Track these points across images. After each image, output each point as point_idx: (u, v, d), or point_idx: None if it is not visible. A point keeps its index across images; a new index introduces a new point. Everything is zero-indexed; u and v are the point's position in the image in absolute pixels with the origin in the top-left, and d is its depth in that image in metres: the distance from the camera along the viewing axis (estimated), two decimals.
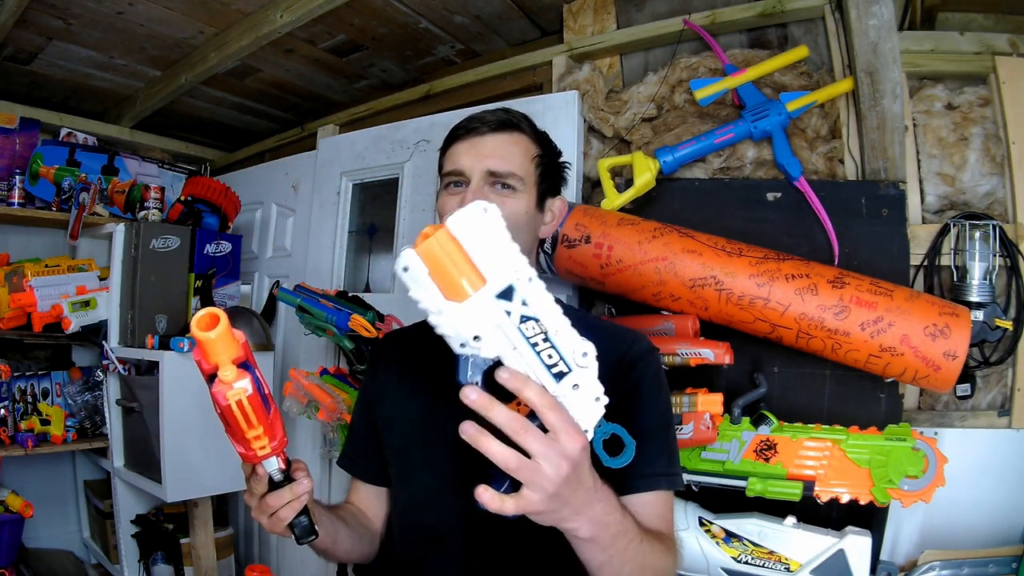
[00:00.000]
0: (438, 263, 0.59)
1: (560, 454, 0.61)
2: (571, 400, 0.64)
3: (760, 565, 1.26)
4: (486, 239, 0.60)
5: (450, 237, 0.59)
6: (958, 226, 1.40)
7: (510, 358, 0.62)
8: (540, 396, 0.61)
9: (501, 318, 0.61)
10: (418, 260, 0.59)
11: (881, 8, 1.33)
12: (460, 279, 0.60)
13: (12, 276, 2.09)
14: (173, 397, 1.84)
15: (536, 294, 0.62)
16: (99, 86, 2.49)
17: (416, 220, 2.02)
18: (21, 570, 2.20)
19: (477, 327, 0.61)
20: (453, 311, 0.60)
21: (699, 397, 1.28)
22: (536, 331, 0.62)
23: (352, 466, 1.07)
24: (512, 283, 0.61)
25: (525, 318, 0.61)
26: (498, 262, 0.60)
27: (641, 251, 1.37)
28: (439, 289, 0.60)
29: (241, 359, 0.65)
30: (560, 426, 0.61)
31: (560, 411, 0.62)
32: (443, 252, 0.59)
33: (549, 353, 0.62)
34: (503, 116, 0.95)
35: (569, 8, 1.89)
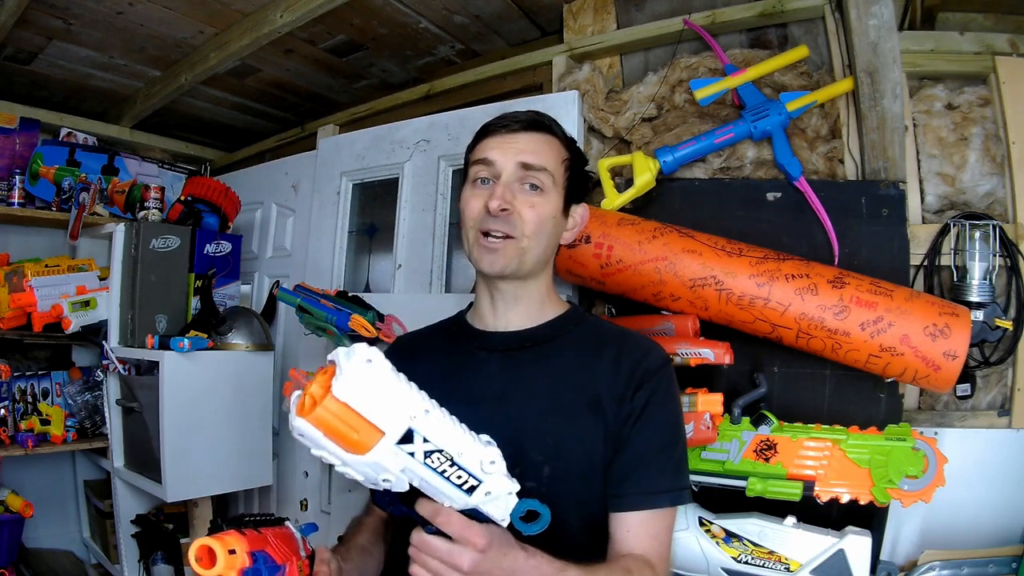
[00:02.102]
0: (331, 427, 0.61)
1: (459, 555, 0.69)
2: (486, 504, 0.70)
3: (760, 565, 1.26)
4: (375, 394, 0.61)
5: (339, 403, 0.60)
6: (958, 226, 1.40)
7: (424, 487, 0.67)
8: (435, 515, 0.70)
9: (405, 461, 0.64)
10: (310, 427, 0.61)
11: (881, 8, 1.33)
12: (355, 436, 0.62)
13: (12, 276, 2.09)
14: (173, 397, 1.84)
15: (435, 427, 0.65)
16: (99, 86, 2.49)
17: (416, 220, 2.02)
18: (21, 570, 2.20)
19: (384, 472, 0.64)
20: (357, 462, 0.63)
21: (699, 397, 1.28)
22: (442, 460, 0.66)
23: None
24: (410, 427, 0.63)
25: (429, 452, 0.65)
26: (392, 412, 0.62)
27: (641, 251, 1.37)
28: (338, 445, 0.62)
29: (246, 567, 0.68)
30: (457, 535, 0.69)
31: (456, 523, 0.69)
32: (334, 417, 0.61)
33: (458, 475, 0.67)
34: (535, 116, 0.95)
35: (569, 8, 1.89)
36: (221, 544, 0.67)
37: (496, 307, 0.97)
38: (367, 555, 0.93)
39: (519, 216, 0.90)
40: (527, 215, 0.90)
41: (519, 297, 0.96)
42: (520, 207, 0.90)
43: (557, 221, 0.94)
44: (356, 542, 0.94)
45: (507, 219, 0.90)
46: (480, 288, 1.00)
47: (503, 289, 0.95)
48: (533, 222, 0.90)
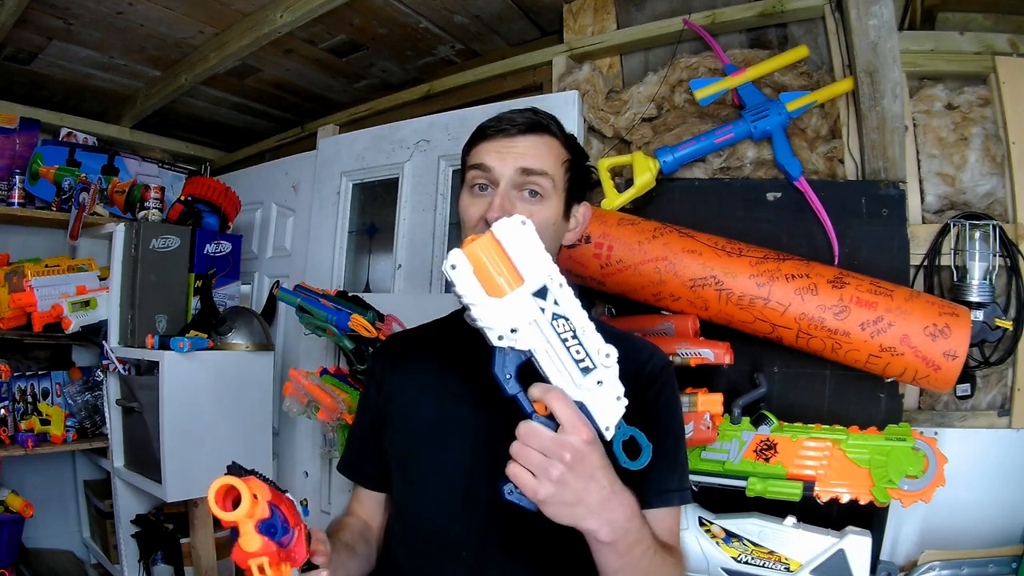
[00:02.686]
0: (482, 263, 0.68)
1: (561, 444, 0.66)
2: (595, 395, 0.69)
3: (760, 565, 1.26)
4: (525, 245, 0.69)
5: (494, 241, 0.69)
6: (958, 226, 1.40)
7: (542, 351, 0.69)
8: (546, 392, 0.68)
9: (536, 314, 0.68)
10: (464, 259, 0.68)
11: (881, 8, 1.33)
12: (500, 278, 0.68)
13: (12, 276, 2.09)
14: (173, 397, 1.84)
15: (566, 296, 0.70)
16: (99, 86, 2.49)
17: (416, 220, 2.02)
18: (21, 570, 2.20)
19: (514, 321, 0.68)
20: (494, 305, 0.68)
21: (699, 397, 1.28)
22: (566, 328, 0.69)
23: (354, 472, 1.04)
24: (546, 284, 0.69)
25: (556, 316, 0.69)
26: (534, 265, 0.69)
27: (641, 251, 1.37)
28: (481, 286, 0.68)
29: (264, 519, 0.65)
30: (566, 420, 0.67)
31: (569, 407, 0.67)
32: (487, 253, 0.68)
33: (577, 349, 0.69)
34: (533, 118, 0.91)
35: (569, 8, 1.89)
36: (247, 487, 0.62)
37: None
38: (351, 552, 0.91)
39: None
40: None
41: None
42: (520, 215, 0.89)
43: (558, 226, 0.92)
44: (340, 538, 0.91)
45: None
46: None
47: None
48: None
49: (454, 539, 0.87)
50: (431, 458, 0.92)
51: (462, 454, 0.88)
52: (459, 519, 0.88)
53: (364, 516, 1.02)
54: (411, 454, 0.94)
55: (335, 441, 1.90)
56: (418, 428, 0.94)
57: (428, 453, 0.92)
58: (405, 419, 0.96)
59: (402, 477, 0.95)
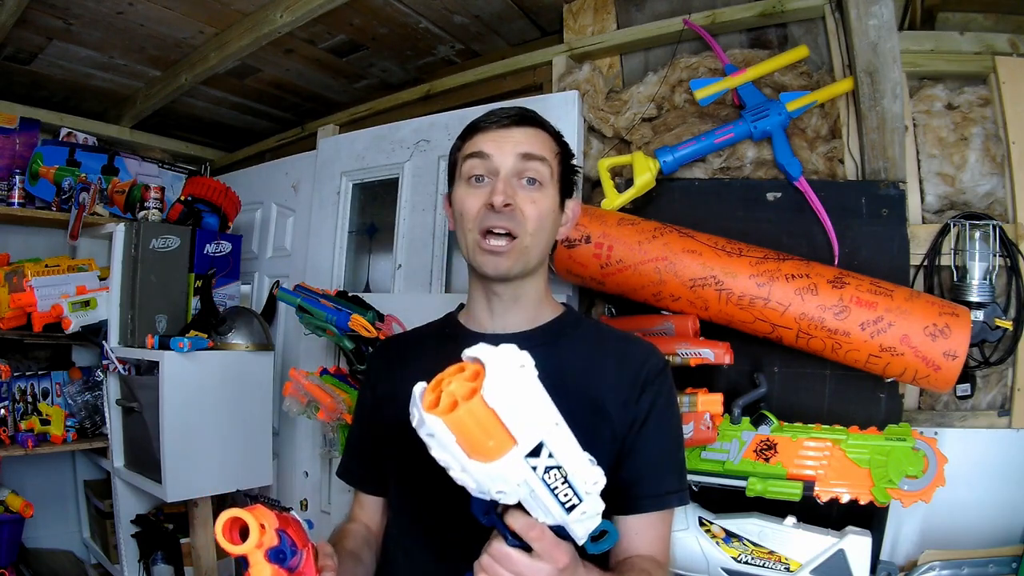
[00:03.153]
0: (467, 432, 0.58)
1: (537, 571, 0.66)
2: (576, 524, 0.67)
3: (760, 565, 1.26)
4: (521, 400, 0.59)
5: (485, 408, 0.57)
6: (958, 226, 1.40)
7: (528, 501, 0.64)
8: (528, 530, 0.66)
9: (527, 474, 0.61)
10: (445, 429, 0.58)
11: (881, 8, 1.33)
12: (489, 442, 0.58)
13: (12, 276, 2.09)
14: (173, 397, 1.84)
15: (562, 442, 0.62)
16: (99, 86, 2.49)
17: (416, 220, 2.02)
18: (21, 570, 2.20)
19: (502, 484, 0.61)
20: (479, 469, 0.59)
21: (699, 397, 1.28)
22: (557, 477, 0.63)
23: (353, 478, 1.04)
24: (542, 440, 0.61)
25: (548, 468, 0.62)
26: (531, 422, 0.59)
27: (641, 251, 1.37)
28: (464, 450, 0.59)
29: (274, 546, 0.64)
30: (542, 551, 0.66)
31: (547, 539, 0.66)
32: (475, 422, 0.58)
33: (565, 492, 0.64)
34: (525, 112, 0.93)
35: (569, 8, 1.89)
36: (255, 517, 0.61)
37: (493, 309, 0.95)
38: (357, 561, 0.91)
39: (521, 213, 0.88)
40: (529, 211, 0.88)
41: (518, 297, 0.94)
42: (521, 203, 0.88)
43: (555, 217, 0.92)
44: (345, 547, 0.91)
45: (511, 215, 0.87)
46: (475, 290, 0.97)
47: (501, 291, 0.93)
48: (535, 219, 0.88)
49: (451, 540, 0.87)
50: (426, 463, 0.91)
51: None
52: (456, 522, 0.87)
53: (366, 521, 1.01)
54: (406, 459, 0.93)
55: (335, 441, 1.90)
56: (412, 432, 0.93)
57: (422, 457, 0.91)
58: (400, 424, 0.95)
59: (397, 482, 0.95)
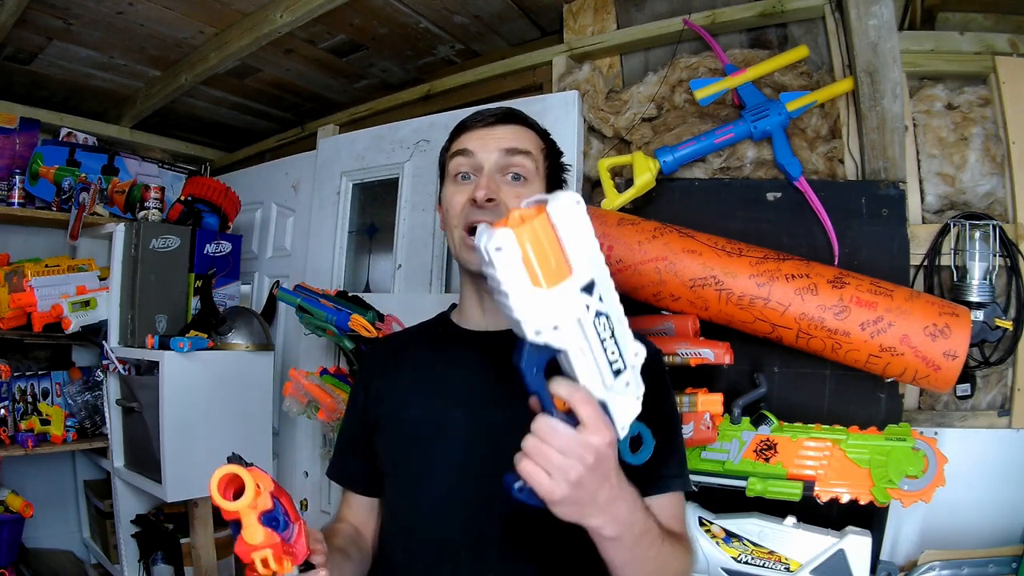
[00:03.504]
0: (534, 250, 0.57)
1: (585, 445, 0.62)
2: (620, 397, 0.65)
3: (760, 565, 1.26)
4: (578, 230, 0.60)
5: (548, 224, 0.58)
6: (958, 226, 1.40)
7: (577, 351, 0.61)
8: (572, 393, 0.62)
9: (581, 312, 0.60)
10: (514, 241, 0.56)
11: (881, 8, 1.33)
12: (549, 267, 0.58)
13: (12, 276, 2.09)
14: (173, 397, 1.84)
15: (610, 291, 0.63)
16: (99, 86, 2.49)
17: (416, 220, 2.02)
18: (21, 570, 2.20)
19: (558, 317, 0.59)
20: (537, 298, 0.58)
21: (699, 397, 1.28)
22: (606, 327, 0.62)
23: (344, 478, 1.04)
24: (594, 278, 0.61)
25: (599, 314, 0.61)
26: (585, 255, 0.60)
27: (641, 251, 1.37)
28: (528, 273, 0.57)
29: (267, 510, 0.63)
30: (590, 421, 0.62)
31: (592, 407, 0.62)
32: (540, 239, 0.57)
33: (612, 350, 0.63)
34: (509, 110, 0.95)
35: (569, 8, 1.89)
36: (252, 476, 0.60)
37: (484, 306, 0.95)
38: (346, 556, 0.90)
39: (505, 206, 0.88)
40: (514, 205, 0.87)
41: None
42: (506, 198, 0.88)
43: None
44: (335, 544, 0.91)
45: (494, 210, 0.88)
46: (466, 288, 0.98)
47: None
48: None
49: (451, 541, 0.87)
50: (424, 461, 0.91)
51: (455, 456, 0.88)
52: (456, 521, 0.87)
53: (355, 522, 1.01)
54: (403, 457, 0.94)
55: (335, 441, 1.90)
56: (409, 431, 0.93)
57: (420, 456, 0.91)
58: (395, 423, 0.95)
59: (395, 481, 0.95)
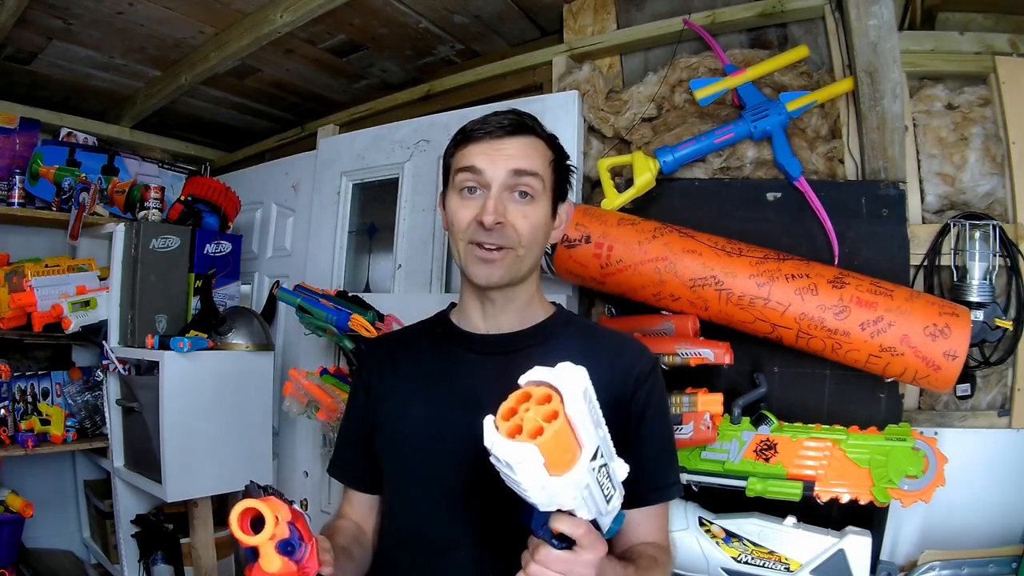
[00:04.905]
0: (553, 452, 0.60)
1: (584, 564, 0.68)
2: (608, 515, 0.71)
3: (760, 565, 1.26)
4: (587, 409, 0.62)
5: (568, 425, 0.60)
6: (958, 226, 1.40)
7: (581, 504, 0.65)
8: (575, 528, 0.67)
9: (589, 477, 0.63)
10: (536, 453, 0.59)
11: (881, 8, 1.33)
12: (566, 456, 0.61)
13: (12, 276, 2.09)
14: (173, 397, 1.84)
15: (607, 437, 0.66)
16: (99, 86, 2.49)
17: (416, 220, 2.02)
18: (21, 570, 2.20)
19: (573, 491, 0.63)
20: (555, 484, 0.61)
21: (699, 397, 1.28)
22: (604, 474, 0.66)
23: (345, 476, 1.04)
24: (598, 444, 0.63)
25: (601, 466, 0.65)
26: (591, 427, 0.62)
27: (641, 251, 1.37)
28: (547, 468, 0.60)
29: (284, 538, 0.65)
30: (587, 542, 0.68)
31: (587, 532, 0.68)
32: (558, 441, 0.60)
33: (607, 486, 0.68)
34: (517, 119, 0.92)
35: (569, 8, 1.89)
36: (271, 509, 0.63)
37: (486, 312, 0.95)
38: (349, 556, 0.91)
39: (512, 228, 0.88)
40: (521, 226, 0.88)
41: (510, 300, 0.95)
42: (513, 218, 0.88)
43: (547, 226, 0.93)
44: (337, 543, 0.91)
45: (501, 232, 0.88)
46: (468, 293, 0.97)
47: (494, 296, 0.94)
48: (528, 233, 0.89)
49: (451, 540, 0.87)
50: (423, 461, 0.92)
51: (455, 455, 0.88)
52: (455, 520, 0.88)
53: (356, 518, 1.01)
54: (403, 457, 0.94)
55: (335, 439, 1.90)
56: (409, 431, 0.94)
57: (420, 456, 0.92)
58: (395, 423, 0.96)
59: (395, 480, 0.96)
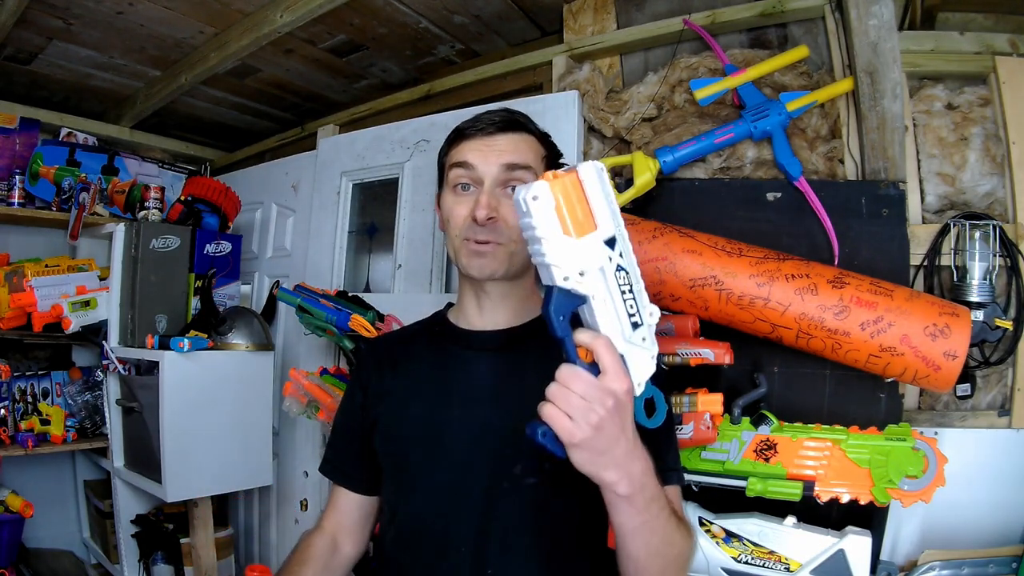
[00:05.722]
0: (565, 199, 0.66)
1: (605, 390, 0.66)
2: (637, 351, 0.71)
3: (760, 565, 1.26)
4: (601, 192, 0.69)
5: (577, 181, 0.67)
6: (958, 226, 1.40)
7: (600, 299, 0.69)
8: (595, 339, 0.67)
9: (604, 262, 0.69)
10: (549, 192, 0.65)
11: (881, 8, 1.33)
12: (577, 219, 0.67)
13: (12, 276, 2.09)
14: (173, 397, 1.84)
15: (628, 250, 0.71)
16: (99, 86, 2.49)
17: (416, 220, 2.02)
18: (21, 570, 2.20)
19: (584, 264, 0.67)
20: (567, 244, 0.67)
21: (699, 397, 1.28)
22: (625, 281, 0.70)
23: (338, 475, 1.04)
24: (615, 234, 0.69)
25: (619, 268, 0.70)
26: (608, 213, 0.69)
27: (641, 251, 1.37)
28: (559, 223, 0.66)
29: None
30: (611, 367, 0.66)
31: (612, 354, 0.67)
32: (569, 192, 0.67)
33: (631, 303, 0.71)
34: (510, 116, 0.94)
35: (569, 8, 1.89)
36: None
37: (483, 307, 0.96)
38: None
39: (505, 223, 0.89)
40: (514, 221, 0.88)
41: (506, 295, 0.95)
42: (506, 213, 0.89)
43: None
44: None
45: (494, 227, 0.89)
46: (464, 289, 0.98)
47: (490, 290, 0.94)
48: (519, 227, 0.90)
49: (452, 537, 0.88)
50: (424, 459, 0.92)
51: (455, 454, 0.89)
52: (456, 518, 0.88)
53: (332, 528, 1.02)
54: (403, 456, 0.94)
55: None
56: (408, 430, 0.94)
57: (420, 455, 0.92)
58: (395, 422, 0.96)
59: (394, 480, 0.96)
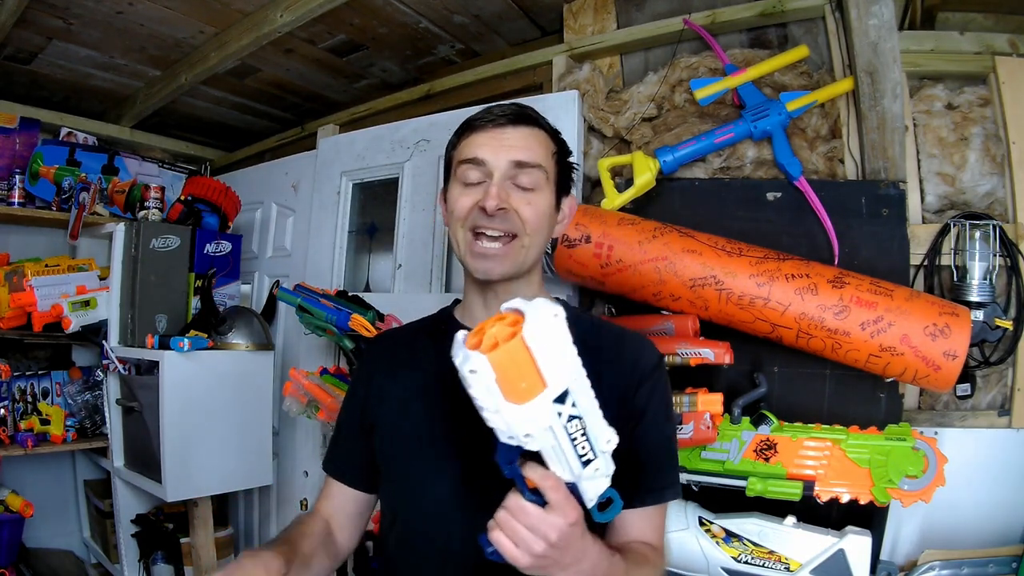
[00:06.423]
0: (507, 371, 0.62)
1: (550, 525, 0.68)
2: (589, 482, 0.70)
3: (760, 565, 1.26)
4: (554, 344, 0.63)
5: (524, 347, 0.62)
6: (958, 226, 1.40)
7: (548, 450, 0.67)
8: (543, 479, 0.68)
9: (553, 420, 0.65)
10: (487, 366, 0.62)
11: (881, 8, 1.33)
12: (523, 383, 0.63)
13: (12, 276, 2.09)
14: (173, 397, 1.84)
15: (584, 392, 0.67)
16: (99, 86, 2.49)
17: (416, 220, 2.02)
18: (21, 570, 2.20)
19: (530, 427, 0.64)
20: (511, 412, 0.63)
21: (699, 397, 1.28)
22: (577, 428, 0.67)
23: (340, 471, 1.03)
24: (568, 387, 0.65)
25: (572, 417, 0.66)
26: (560, 368, 0.64)
27: (641, 251, 1.37)
28: (501, 391, 0.63)
29: None
30: (556, 503, 0.68)
31: (559, 491, 0.68)
32: (513, 361, 0.62)
33: (583, 445, 0.68)
34: (520, 110, 0.92)
35: (569, 8, 1.89)
36: None
37: (489, 306, 0.95)
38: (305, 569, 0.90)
39: (516, 214, 0.88)
40: (526, 212, 0.88)
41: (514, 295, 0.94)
42: (517, 205, 0.88)
43: (551, 216, 0.93)
44: (300, 550, 0.91)
45: (504, 217, 0.87)
46: (470, 289, 0.97)
47: (497, 289, 0.93)
48: (533, 220, 0.88)
49: (452, 542, 0.87)
50: (423, 464, 0.91)
51: (454, 459, 0.88)
52: (455, 523, 0.87)
53: (329, 515, 1.01)
54: (402, 460, 0.94)
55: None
56: (408, 433, 0.93)
57: (419, 459, 0.92)
58: (394, 424, 0.95)
59: (393, 483, 0.95)
